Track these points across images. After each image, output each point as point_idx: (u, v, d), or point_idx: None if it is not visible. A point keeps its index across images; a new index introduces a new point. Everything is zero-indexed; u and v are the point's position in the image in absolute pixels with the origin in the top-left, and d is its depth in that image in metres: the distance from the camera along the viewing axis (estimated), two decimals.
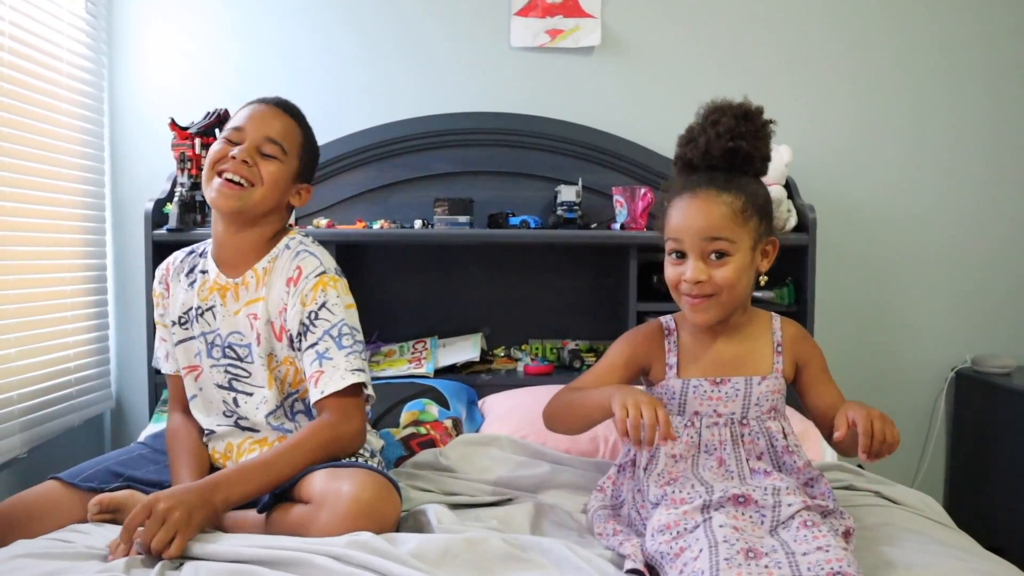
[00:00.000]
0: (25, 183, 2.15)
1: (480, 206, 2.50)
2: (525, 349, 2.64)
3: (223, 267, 1.65)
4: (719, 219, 1.42)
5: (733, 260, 1.43)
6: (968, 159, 2.75)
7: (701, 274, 1.43)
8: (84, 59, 2.47)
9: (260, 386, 1.62)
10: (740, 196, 1.44)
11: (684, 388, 1.51)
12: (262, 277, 1.62)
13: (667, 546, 1.27)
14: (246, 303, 1.62)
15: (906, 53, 2.73)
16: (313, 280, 1.57)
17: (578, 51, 2.68)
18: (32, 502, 1.51)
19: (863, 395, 2.73)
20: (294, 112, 1.68)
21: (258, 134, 1.60)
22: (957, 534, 1.54)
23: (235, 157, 1.57)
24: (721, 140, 1.44)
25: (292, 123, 1.65)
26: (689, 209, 1.45)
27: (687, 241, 1.44)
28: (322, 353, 1.54)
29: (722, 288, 1.44)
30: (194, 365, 1.68)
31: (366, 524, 1.35)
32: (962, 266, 2.77)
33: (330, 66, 2.66)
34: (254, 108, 1.64)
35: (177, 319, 1.69)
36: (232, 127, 1.63)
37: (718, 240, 1.42)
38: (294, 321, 1.57)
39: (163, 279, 1.74)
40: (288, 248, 1.64)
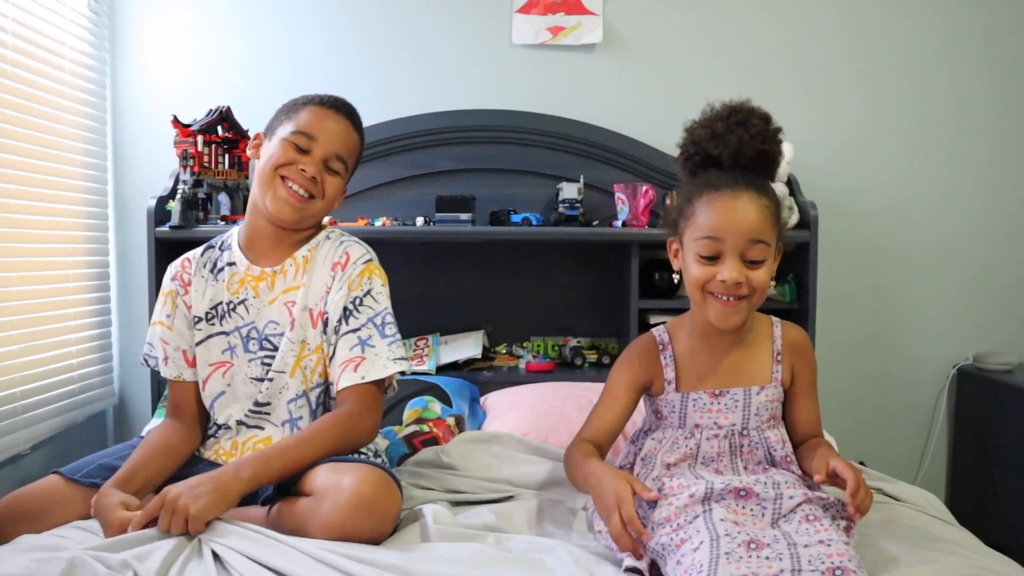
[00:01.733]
0: (28, 180, 2.16)
1: (482, 203, 2.50)
2: (527, 346, 2.65)
3: (255, 258, 1.65)
4: (762, 221, 1.40)
5: (768, 264, 1.43)
6: (970, 156, 2.75)
7: (741, 276, 1.40)
8: (87, 56, 2.47)
9: (282, 371, 1.61)
10: (774, 201, 1.44)
11: (684, 402, 1.51)
12: (302, 265, 1.63)
13: (668, 538, 1.27)
14: (283, 291, 1.62)
15: (908, 49, 2.73)
16: (361, 266, 1.61)
17: (580, 48, 2.68)
18: (34, 497, 1.51)
19: (865, 392, 2.76)
20: (358, 124, 1.68)
21: (330, 149, 1.60)
22: (959, 531, 1.54)
23: (305, 171, 1.57)
24: (754, 141, 1.43)
25: (357, 138, 1.67)
26: (733, 209, 1.40)
27: (729, 241, 1.40)
28: (364, 340, 1.56)
29: (756, 290, 1.42)
30: (223, 361, 1.65)
31: (366, 517, 1.36)
32: (964, 263, 2.77)
33: (332, 63, 2.67)
34: (326, 115, 1.61)
35: (204, 315, 1.66)
36: (301, 131, 1.59)
37: (760, 243, 1.40)
38: (338, 305, 1.58)
39: (179, 276, 1.70)
40: (329, 239, 1.67)
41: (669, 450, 1.49)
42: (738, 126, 1.44)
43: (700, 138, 1.48)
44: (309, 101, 1.64)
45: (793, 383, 1.54)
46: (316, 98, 1.64)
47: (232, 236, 1.71)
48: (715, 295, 1.43)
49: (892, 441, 2.78)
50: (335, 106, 1.63)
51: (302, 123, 1.60)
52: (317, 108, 1.62)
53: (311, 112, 1.61)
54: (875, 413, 2.77)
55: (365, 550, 1.30)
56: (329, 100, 1.64)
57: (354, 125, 1.65)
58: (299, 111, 1.62)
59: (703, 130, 1.48)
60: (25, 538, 1.36)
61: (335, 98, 1.66)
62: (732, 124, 1.45)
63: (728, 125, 1.45)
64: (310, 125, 1.59)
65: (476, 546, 1.36)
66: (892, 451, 2.77)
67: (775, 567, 1.15)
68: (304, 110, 1.62)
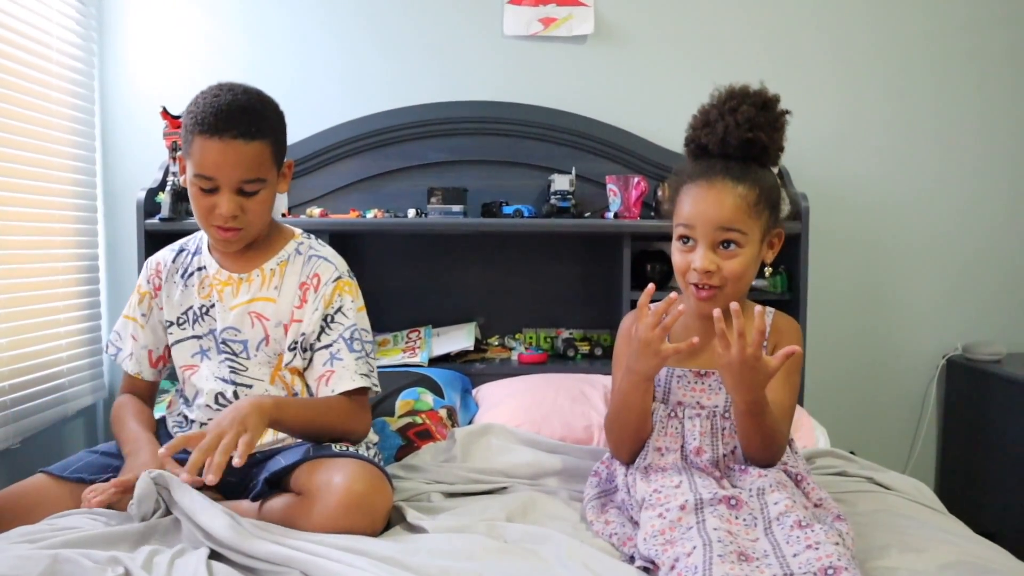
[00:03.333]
0: (16, 172, 2.14)
1: (474, 195, 2.50)
2: (519, 338, 2.64)
3: (224, 262, 1.66)
4: (733, 211, 1.41)
5: (743, 252, 1.43)
6: (958, 148, 2.76)
7: (710, 264, 1.42)
8: (74, 47, 2.45)
9: (260, 379, 1.63)
10: (755, 188, 1.43)
11: (668, 377, 1.52)
12: (269, 278, 1.63)
13: (660, 548, 1.27)
14: (247, 300, 1.62)
15: (896, 41, 2.73)
16: (331, 285, 1.62)
17: (571, 39, 2.68)
18: (22, 495, 1.50)
19: (856, 382, 2.78)
20: (252, 126, 1.49)
21: (234, 179, 1.50)
22: (949, 519, 1.55)
23: (223, 215, 1.51)
24: (740, 129, 1.43)
25: (259, 143, 1.51)
26: (704, 198, 1.43)
27: (699, 229, 1.43)
28: (334, 354, 1.59)
29: (728, 280, 1.43)
30: (193, 364, 1.67)
31: (358, 515, 1.36)
32: (953, 254, 2.78)
33: (321, 53, 2.65)
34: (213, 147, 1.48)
35: (175, 320, 1.68)
36: (198, 174, 1.50)
37: (730, 231, 1.42)
38: (315, 324, 1.61)
39: (152, 279, 1.70)
40: (299, 253, 1.65)
41: (657, 432, 1.50)
42: (729, 113, 1.44)
43: (696, 125, 1.49)
44: (194, 129, 1.49)
45: None
46: (200, 125, 1.48)
47: (202, 239, 1.70)
48: (692, 284, 1.46)
49: (882, 431, 2.79)
50: (218, 129, 1.47)
51: (197, 163, 1.50)
52: (204, 140, 1.48)
53: (200, 148, 1.48)
54: (865, 403, 2.78)
55: (360, 541, 1.30)
56: (210, 124, 1.47)
57: (250, 135, 1.48)
58: (192, 143, 1.50)
59: (699, 117, 1.49)
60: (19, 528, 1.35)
61: (217, 115, 1.47)
62: (724, 111, 1.45)
63: (720, 112, 1.46)
64: (203, 166, 1.49)
65: (470, 537, 1.36)
66: (882, 441, 2.78)
67: (767, 573, 1.17)
68: (195, 144, 1.49)
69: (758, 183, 1.44)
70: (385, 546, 1.30)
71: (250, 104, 1.51)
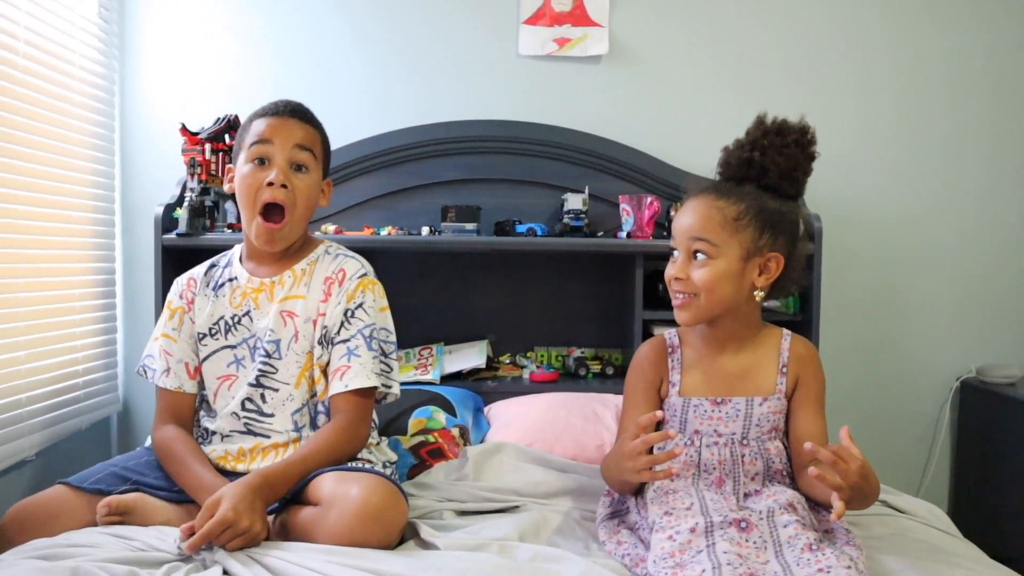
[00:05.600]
0: (36, 187, 2.17)
1: (487, 213, 2.51)
2: (530, 356, 2.65)
3: (256, 270, 1.71)
4: (705, 221, 1.46)
5: (712, 264, 1.45)
6: (971, 169, 2.75)
7: (679, 271, 1.48)
8: (96, 64, 2.49)
9: (286, 383, 1.65)
10: (739, 205, 1.45)
11: (685, 407, 1.52)
12: (300, 277, 1.69)
13: (670, 571, 1.27)
14: (280, 300, 1.67)
15: (910, 60, 2.73)
16: (356, 281, 1.67)
17: (586, 60, 2.70)
18: (41, 506, 1.52)
19: (869, 404, 2.76)
20: (310, 118, 1.71)
21: (288, 145, 1.64)
22: (964, 544, 1.55)
23: (273, 183, 1.61)
24: (741, 150, 1.48)
25: (312, 128, 1.70)
26: (684, 210, 1.50)
27: (677, 239, 1.50)
28: (352, 349, 1.62)
29: (700, 289, 1.46)
30: (228, 374, 1.69)
31: (373, 527, 1.37)
32: (967, 275, 2.77)
33: (339, 72, 2.68)
34: (274, 120, 1.66)
35: (208, 331, 1.70)
36: (255, 142, 1.64)
37: (700, 240, 1.46)
38: (337, 317, 1.64)
39: (184, 293, 1.74)
40: (328, 253, 1.73)
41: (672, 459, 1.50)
42: (743, 136, 1.51)
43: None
44: (255, 115, 1.69)
45: (796, 393, 1.54)
46: (260, 110, 1.70)
47: (234, 255, 1.77)
48: (672, 290, 1.51)
49: (895, 454, 2.78)
50: (280, 110, 1.67)
51: (253, 134, 1.66)
52: (264, 118, 1.67)
53: (260, 123, 1.66)
54: (878, 426, 2.77)
55: (371, 558, 1.31)
56: (271, 107, 1.69)
57: (305, 119, 1.69)
58: (249, 128, 1.68)
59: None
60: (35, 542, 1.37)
61: (277, 103, 1.70)
62: (742, 137, 1.50)
63: (738, 139, 1.51)
64: (262, 132, 1.65)
65: (482, 555, 1.37)
66: (895, 464, 2.77)
67: None
68: (253, 124, 1.67)
69: (744, 200, 1.46)
70: (397, 562, 1.30)
71: (303, 105, 1.72)
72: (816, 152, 1.51)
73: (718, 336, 1.53)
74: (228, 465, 1.64)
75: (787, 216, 1.49)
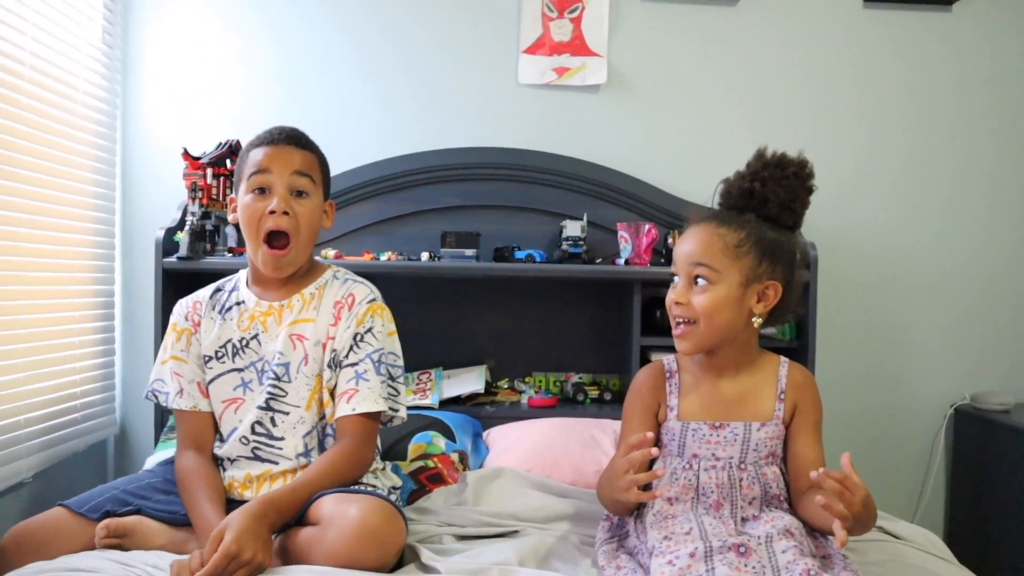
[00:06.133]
0: (37, 209, 2.18)
1: (486, 240, 2.53)
2: (529, 381, 2.66)
3: (263, 294, 1.72)
4: (706, 247, 1.48)
5: (713, 290, 1.47)
6: (967, 198, 2.80)
7: (680, 296, 1.50)
8: (99, 88, 2.51)
9: (297, 405, 1.66)
10: (739, 232, 1.48)
11: (683, 431, 1.53)
12: (309, 301, 1.70)
13: None
14: (289, 324, 1.68)
15: (909, 90, 2.78)
16: (365, 306, 1.68)
17: (584, 89, 2.73)
18: (40, 528, 1.52)
19: (864, 430, 2.78)
20: (306, 143, 1.72)
21: (286, 172, 1.65)
22: (960, 570, 1.55)
23: (275, 211, 1.63)
24: (742, 180, 1.52)
25: (309, 153, 1.71)
26: (685, 236, 1.53)
27: (679, 265, 1.52)
28: (360, 373, 1.63)
29: (699, 315, 1.48)
30: (235, 397, 1.69)
31: (371, 547, 1.38)
32: (962, 304, 2.80)
33: (340, 99, 2.71)
34: (270, 148, 1.66)
35: (214, 353, 1.71)
36: (254, 172, 1.65)
37: (700, 266, 1.48)
38: (346, 342, 1.65)
39: (191, 316, 1.75)
40: (336, 278, 1.75)
41: (668, 482, 1.52)
42: (744, 168, 1.54)
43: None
44: (252, 145, 1.70)
45: (794, 420, 1.55)
46: (256, 139, 1.70)
47: (239, 279, 1.78)
48: (672, 316, 1.53)
49: (890, 480, 2.79)
50: (276, 138, 1.68)
51: (251, 164, 1.67)
52: (261, 147, 1.67)
53: (257, 152, 1.67)
54: (873, 453, 2.78)
55: None
56: (267, 136, 1.69)
57: (301, 145, 1.69)
58: (247, 158, 1.69)
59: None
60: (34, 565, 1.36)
61: (272, 130, 1.70)
62: (742, 169, 1.54)
63: (738, 170, 1.55)
64: (260, 162, 1.65)
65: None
66: (891, 490, 2.78)
67: None
68: (251, 154, 1.68)
69: (745, 228, 1.49)
70: None
71: (299, 130, 1.73)
72: (814, 185, 1.54)
73: (716, 363, 1.55)
74: (235, 493, 1.64)
75: (785, 246, 1.52)
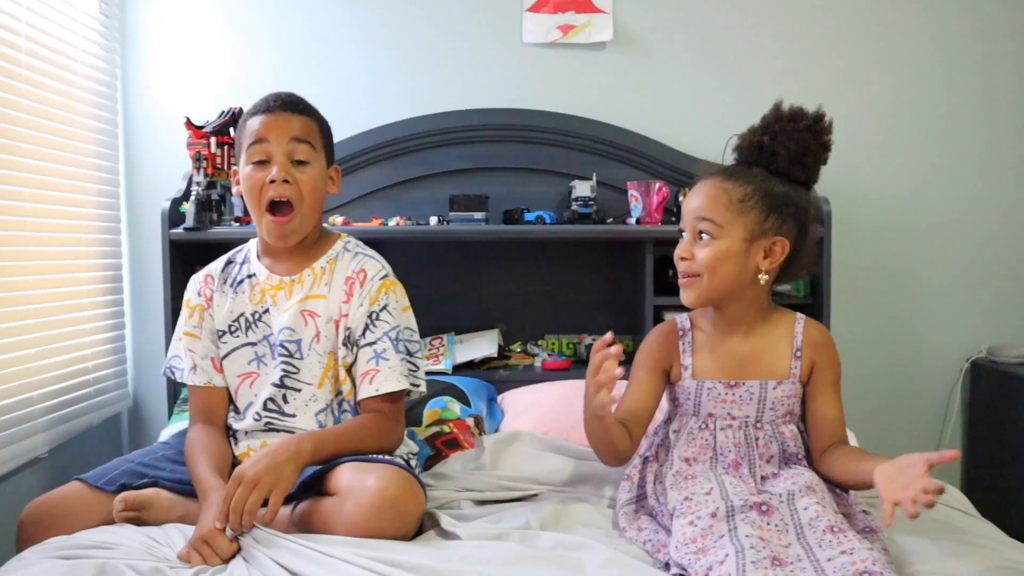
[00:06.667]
0: (40, 183, 2.16)
1: (495, 202, 2.50)
2: (542, 344, 2.64)
3: (274, 267, 1.69)
4: (710, 201, 1.47)
5: (715, 244, 1.46)
6: (984, 150, 2.75)
7: (684, 251, 1.49)
8: (98, 59, 2.47)
9: (309, 383, 1.64)
10: (746, 187, 1.46)
11: (698, 390, 1.52)
12: (320, 276, 1.67)
13: (692, 556, 1.27)
14: (299, 300, 1.65)
15: (935, 41, 2.72)
16: (378, 283, 1.65)
17: (590, 47, 2.68)
18: (58, 503, 1.52)
19: (880, 386, 2.76)
20: (304, 108, 1.67)
21: (284, 140, 1.61)
22: (984, 524, 1.55)
23: (275, 180, 1.59)
24: (753, 135, 1.49)
25: (307, 118, 1.66)
26: (693, 192, 1.52)
27: (685, 220, 1.51)
28: (380, 352, 1.61)
29: (702, 269, 1.47)
30: (250, 372, 1.68)
31: (390, 517, 1.38)
32: (977, 257, 2.76)
33: (343, 63, 2.66)
34: (266, 117, 1.62)
35: (227, 328, 1.69)
36: (252, 143, 1.62)
37: (704, 220, 1.47)
38: (360, 319, 1.63)
39: (203, 291, 1.72)
40: (347, 251, 1.71)
41: (685, 443, 1.51)
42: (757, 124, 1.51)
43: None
44: (249, 113, 1.66)
45: (812, 378, 1.54)
46: (253, 107, 1.66)
47: (250, 250, 1.75)
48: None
49: (906, 435, 2.78)
50: (272, 105, 1.63)
51: (249, 135, 1.63)
52: (258, 116, 1.63)
53: (254, 122, 1.63)
54: (889, 407, 2.77)
55: (392, 549, 1.31)
56: (263, 104, 1.65)
57: (299, 110, 1.65)
58: (245, 128, 1.65)
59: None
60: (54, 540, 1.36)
61: (268, 97, 1.66)
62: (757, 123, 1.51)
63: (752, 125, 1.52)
64: (257, 131, 1.62)
65: (503, 544, 1.36)
66: (906, 445, 2.76)
67: None
68: (248, 123, 1.64)
69: (752, 183, 1.47)
70: (420, 553, 1.30)
71: (296, 95, 1.68)
72: (830, 140, 1.50)
73: (726, 319, 1.54)
74: None
75: (795, 200, 1.49)
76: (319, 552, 1.27)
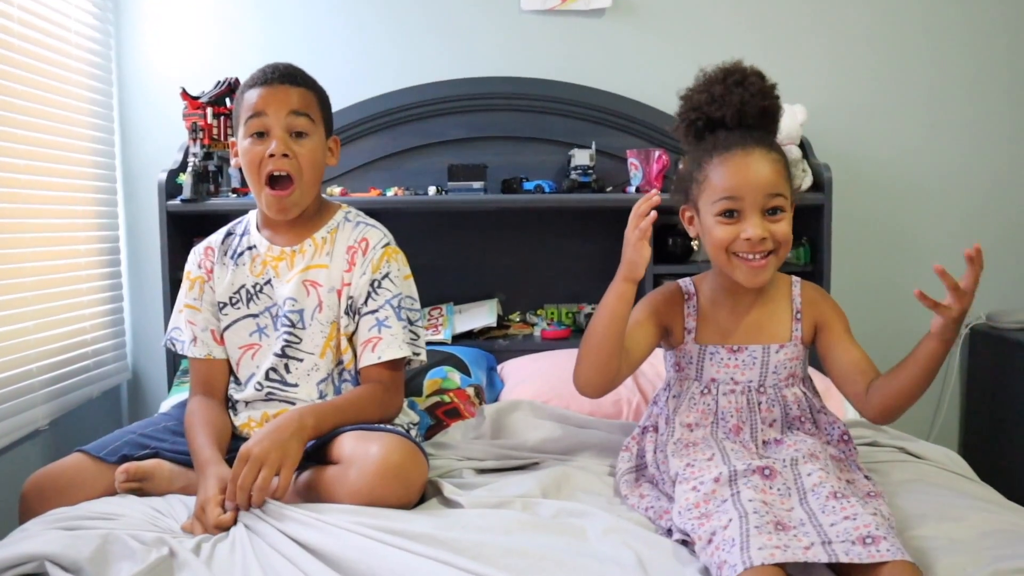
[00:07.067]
0: (36, 155, 2.14)
1: (493, 171, 2.48)
2: (541, 314, 2.64)
3: (274, 238, 1.68)
4: (776, 175, 1.42)
5: (787, 217, 1.44)
6: (983, 118, 2.73)
7: (765, 231, 1.40)
8: (91, 28, 2.44)
9: (311, 352, 1.64)
10: (782, 156, 1.46)
11: (701, 354, 1.52)
12: (321, 246, 1.66)
13: (696, 522, 1.27)
14: (301, 270, 1.65)
15: (926, 10, 2.69)
16: (380, 251, 1.65)
17: (589, 13, 2.65)
18: (60, 474, 1.51)
19: (879, 350, 2.70)
20: (302, 79, 1.65)
21: (282, 114, 1.59)
22: (983, 487, 1.56)
23: (274, 155, 1.58)
24: (755, 99, 1.45)
25: (305, 90, 1.64)
26: (748, 166, 1.41)
27: (748, 199, 1.41)
28: (382, 320, 1.61)
29: (780, 244, 1.43)
30: (251, 343, 1.68)
31: (393, 485, 1.38)
32: (977, 223, 2.75)
33: (339, 32, 2.63)
34: (263, 90, 1.60)
35: (228, 300, 1.68)
36: (250, 116, 1.60)
37: (777, 196, 1.42)
38: (363, 288, 1.62)
39: (203, 263, 1.72)
40: (348, 220, 1.70)
41: (687, 408, 1.51)
42: (737, 86, 1.46)
43: (700, 103, 1.49)
44: (247, 85, 1.64)
45: (824, 334, 1.53)
46: (251, 79, 1.64)
47: (250, 221, 1.74)
48: (740, 255, 1.43)
49: None
50: (269, 77, 1.61)
51: (247, 108, 1.61)
52: (255, 88, 1.61)
53: (252, 94, 1.61)
54: None
55: (395, 517, 1.31)
56: (260, 75, 1.62)
57: (297, 82, 1.63)
58: (243, 101, 1.63)
59: (701, 95, 1.49)
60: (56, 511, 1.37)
61: (265, 69, 1.63)
62: (731, 85, 1.46)
63: (727, 87, 1.46)
64: (255, 104, 1.60)
65: (505, 512, 1.37)
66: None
67: (804, 541, 1.16)
68: (246, 96, 1.62)
69: (781, 151, 1.47)
70: (422, 521, 1.31)
71: (294, 66, 1.66)
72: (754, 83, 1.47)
73: (732, 284, 1.52)
74: (251, 432, 1.63)
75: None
76: (322, 521, 1.28)
